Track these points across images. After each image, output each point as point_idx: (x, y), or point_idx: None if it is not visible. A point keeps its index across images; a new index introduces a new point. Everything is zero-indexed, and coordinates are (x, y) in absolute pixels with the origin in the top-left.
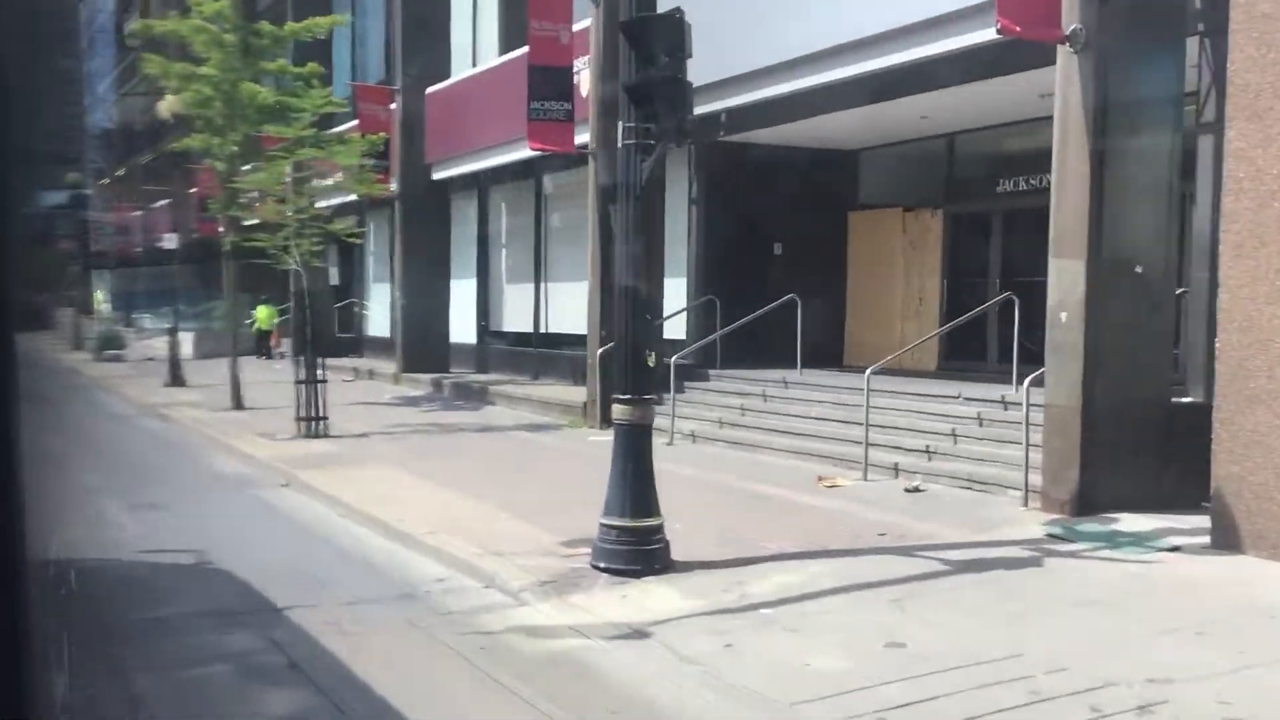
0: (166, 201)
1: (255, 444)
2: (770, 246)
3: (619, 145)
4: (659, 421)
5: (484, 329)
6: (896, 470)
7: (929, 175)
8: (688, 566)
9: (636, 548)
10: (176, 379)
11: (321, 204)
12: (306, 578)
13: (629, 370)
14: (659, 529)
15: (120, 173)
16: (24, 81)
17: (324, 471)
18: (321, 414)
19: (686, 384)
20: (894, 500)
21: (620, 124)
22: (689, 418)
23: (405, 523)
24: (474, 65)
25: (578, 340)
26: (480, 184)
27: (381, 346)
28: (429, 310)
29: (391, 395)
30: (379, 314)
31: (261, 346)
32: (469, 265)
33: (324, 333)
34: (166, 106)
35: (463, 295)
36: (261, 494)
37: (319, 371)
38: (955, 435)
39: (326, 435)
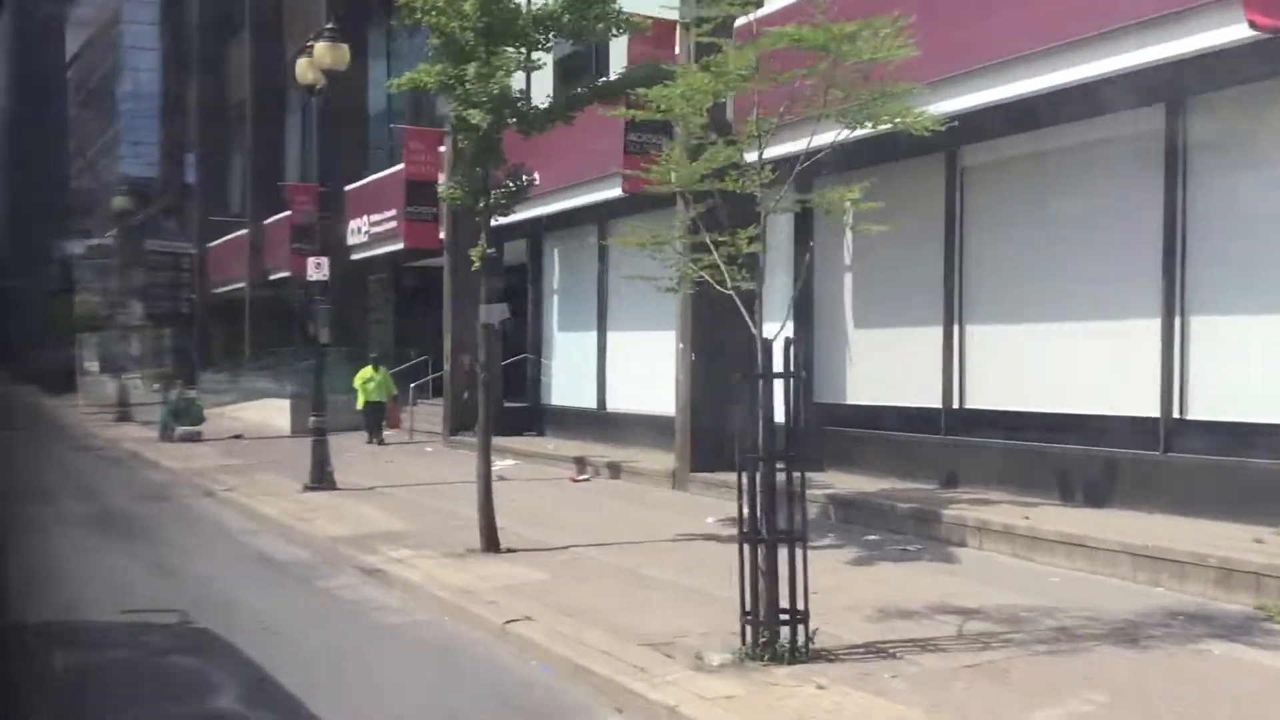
0: (237, 235)
1: (693, 694)
2: None
3: None
4: None
5: (804, 402)
6: None
7: None
8: None
9: None
10: (323, 478)
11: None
12: None
13: None
14: None
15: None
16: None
17: None
18: (800, 609)
19: None
20: None
21: None
22: None
23: None
24: None
25: (1050, 422)
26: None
27: (572, 422)
28: (730, 375)
29: (715, 518)
30: (564, 376)
31: (372, 425)
32: (778, 304)
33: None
34: (307, 66)
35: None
36: None
37: (796, 519)
38: None
39: (799, 654)
